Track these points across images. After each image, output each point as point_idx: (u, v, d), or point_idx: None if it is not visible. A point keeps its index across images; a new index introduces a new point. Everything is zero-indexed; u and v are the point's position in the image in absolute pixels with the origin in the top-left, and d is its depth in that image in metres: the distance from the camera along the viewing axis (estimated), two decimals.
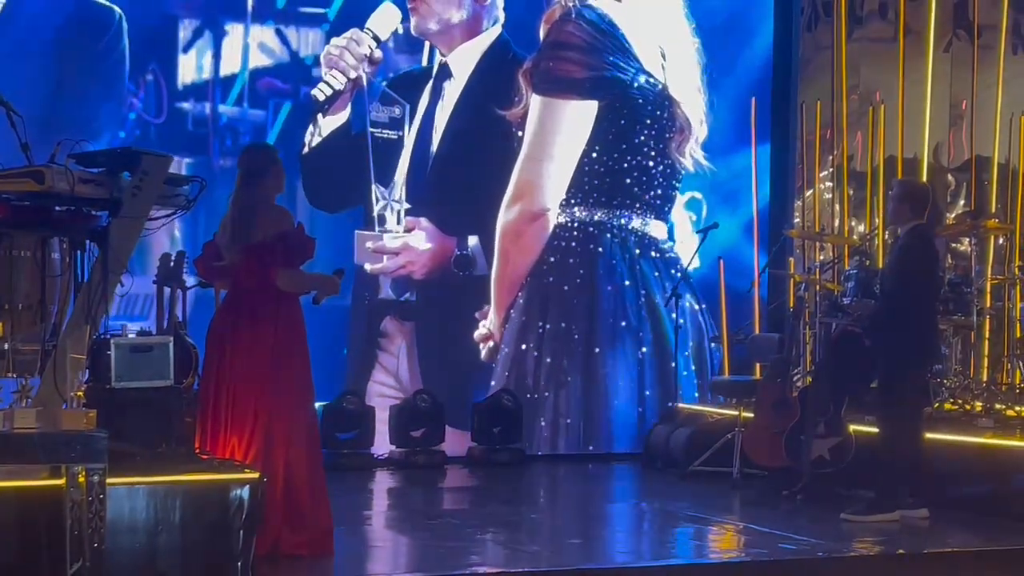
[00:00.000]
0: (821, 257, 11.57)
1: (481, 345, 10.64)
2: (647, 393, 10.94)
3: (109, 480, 5.25)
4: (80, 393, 5.47)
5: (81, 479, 5.19)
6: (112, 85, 9.73)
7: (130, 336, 6.46)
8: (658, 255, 10.92)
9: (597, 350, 10.87)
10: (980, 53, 11.83)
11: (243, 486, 5.69)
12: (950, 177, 12.46)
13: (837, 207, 12.04)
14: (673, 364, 10.58)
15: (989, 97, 11.57)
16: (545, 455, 10.68)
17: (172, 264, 8.50)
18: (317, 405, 6.76)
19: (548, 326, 10.75)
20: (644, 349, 10.93)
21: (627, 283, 10.95)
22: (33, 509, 5.32)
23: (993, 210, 11.38)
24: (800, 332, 9.73)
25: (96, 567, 5.20)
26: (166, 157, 5.91)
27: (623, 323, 10.93)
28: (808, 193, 12.11)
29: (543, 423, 10.74)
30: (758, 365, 10.66)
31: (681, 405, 10.60)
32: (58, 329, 5.69)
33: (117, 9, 9.72)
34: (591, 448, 10.86)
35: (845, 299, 8.89)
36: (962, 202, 12.26)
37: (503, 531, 7.59)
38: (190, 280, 8.54)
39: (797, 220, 12.02)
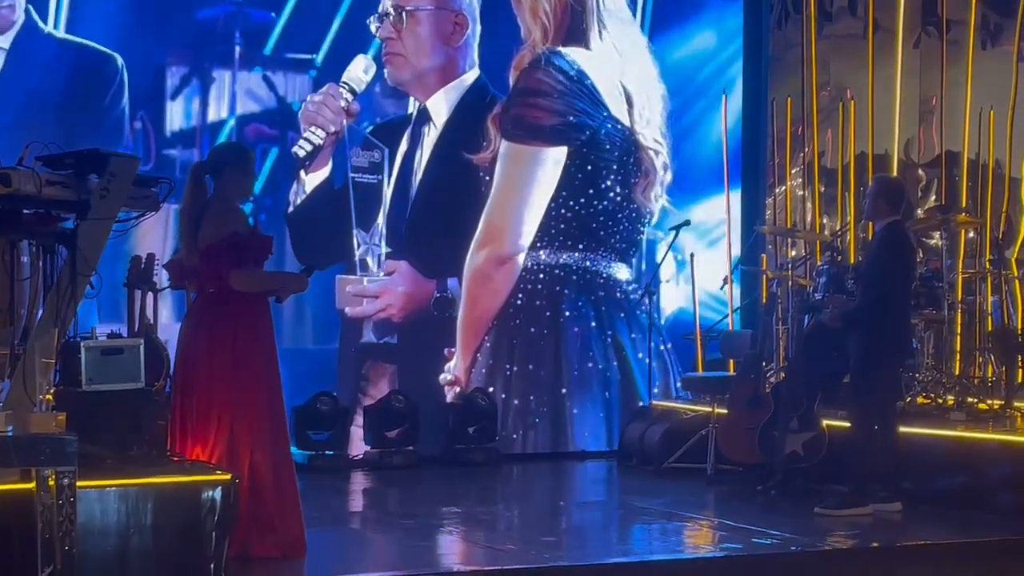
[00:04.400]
0: (793, 253, 11.60)
1: (446, 389, 10.60)
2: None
3: (80, 483, 5.24)
4: (50, 396, 5.44)
5: (51, 482, 5.16)
6: (113, 132, 9.62)
7: (100, 339, 6.44)
8: (623, 296, 10.85)
9: (564, 391, 10.86)
10: (949, 49, 11.86)
11: (215, 488, 5.68)
12: (921, 173, 12.48)
13: (808, 204, 12.06)
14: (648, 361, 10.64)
15: (959, 92, 11.60)
16: (520, 454, 10.67)
17: (143, 266, 8.47)
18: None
19: (515, 368, 10.72)
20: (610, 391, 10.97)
21: (593, 325, 10.96)
22: (3, 513, 5.28)
23: (964, 205, 11.41)
24: (773, 328, 9.75)
25: (67, 571, 5.17)
26: (134, 159, 5.88)
27: (589, 364, 10.94)
28: (779, 190, 12.12)
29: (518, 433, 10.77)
30: (731, 361, 10.68)
31: (655, 402, 10.62)
32: (28, 332, 5.65)
33: (118, 57, 9.64)
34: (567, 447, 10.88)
35: (817, 295, 8.91)
36: (933, 197, 12.28)
37: (477, 530, 7.58)
38: (161, 282, 8.52)
39: (769, 216, 12.04)
